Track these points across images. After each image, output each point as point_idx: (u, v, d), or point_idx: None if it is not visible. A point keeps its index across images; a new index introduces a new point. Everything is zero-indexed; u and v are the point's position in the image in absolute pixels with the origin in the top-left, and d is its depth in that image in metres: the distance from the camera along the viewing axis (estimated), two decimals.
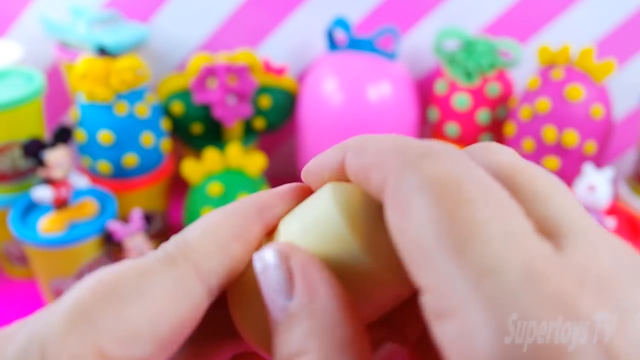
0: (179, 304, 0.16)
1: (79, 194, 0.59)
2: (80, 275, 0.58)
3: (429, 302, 0.13)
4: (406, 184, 0.14)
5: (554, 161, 0.60)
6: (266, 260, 0.16)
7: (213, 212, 0.18)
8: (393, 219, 0.14)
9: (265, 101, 0.70)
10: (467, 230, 0.13)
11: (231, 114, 0.68)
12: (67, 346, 0.14)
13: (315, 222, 0.17)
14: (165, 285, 0.16)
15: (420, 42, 0.73)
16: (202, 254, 0.17)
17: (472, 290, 0.12)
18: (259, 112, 0.70)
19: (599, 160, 0.62)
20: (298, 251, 0.16)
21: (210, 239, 0.17)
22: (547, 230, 0.14)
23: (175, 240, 0.17)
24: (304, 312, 0.15)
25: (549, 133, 0.59)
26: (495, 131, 0.69)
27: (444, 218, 0.13)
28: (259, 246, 0.18)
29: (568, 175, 0.60)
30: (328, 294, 0.15)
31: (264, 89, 0.70)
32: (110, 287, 0.15)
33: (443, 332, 0.13)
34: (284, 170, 0.80)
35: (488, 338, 0.12)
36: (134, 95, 0.63)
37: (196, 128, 0.70)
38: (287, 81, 0.71)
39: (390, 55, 0.68)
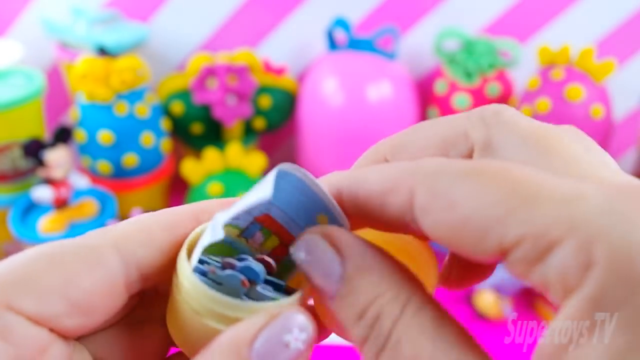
0: (91, 271, 0.17)
1: (79, 194, 0.59)
2: None
3: (527, 251, 0.14)
4: (439, 184, 0.15)
5: None
6: (310, 243, 0.17)
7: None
8: (439, 219, 0.15)
9: (265, 101, 0.70)
10: (526, 184, 0.14)
11: (231, 114, 0.68)
12: None
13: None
14: (80, 254, 0.17)
15: (420, 42, 0.73)
16: (123, 235, 0.18)
17: (573, 215, 0.13)
18: (259, 112, 0.70)
19: None
20: (324, 227, 0.17)
21: (135, 226, 0.18)
22: None
23: (102, 227, 0.19)
24: (360, 271, 0.16)
25: None
26: None
27: (499, 184, 0.14)
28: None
29: None
30: (368, 249, 0.17)
31: (264, 89, 0.70)
32: (30, 257, 0.17)
33: (547, 269, 0.13)
34: None
35: (601, 249, 0.12)
36: (134, 95, 0.63)
37: (196, 128, 0.70)
38: (287, 81, 0.71)
39: (390, 55, 0.68)
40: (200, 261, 0.18)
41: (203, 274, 0.18)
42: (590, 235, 0.13)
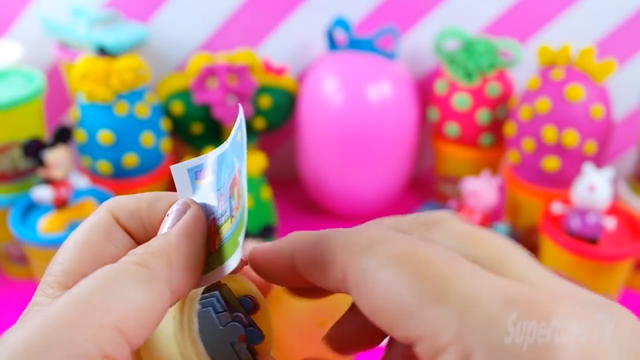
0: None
1: (79, 194, 0.59)
2: None
3: (425, 348, 0.15)
4: (367, 267, 0.17)
5: (554, 161, 0.60)
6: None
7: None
8: (364, 299, 0.17)
9: (265, 101, 0.70)
10: (437, 281, 0.15)
11: (231, 114, 0.68)
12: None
13: None
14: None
15: (420, 42, 0.73)
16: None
17: (460, 324, 0.15)
18: (259, 112, 0.70)
19: (599, 160, 0.62)
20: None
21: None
22: None
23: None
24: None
25: (549, 133, 0.59)
26: (495, 131, 0.69)
27: (413, 279, 0.16)
28: None
29: (568, 175, 0.60)
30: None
31: (264, 89, 0.70)
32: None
33: None
34: (283, 170, 0.80)
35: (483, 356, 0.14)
36: (134, 95, 0.63)
37: (196, 128, 0.70)
38: (287, 81, 0.71)
39: (390, 55, 0.68)
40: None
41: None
42: (470, 347, 0.14)
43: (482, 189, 0.62)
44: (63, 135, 0.57)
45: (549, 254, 0.58)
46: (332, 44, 0.69)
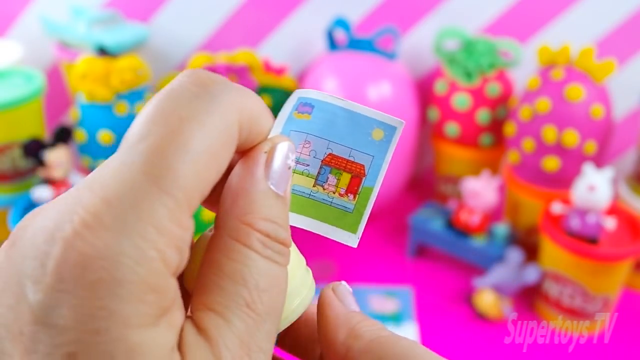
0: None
1: None
2: None
3: None
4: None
5: (554, 161, 0.60)
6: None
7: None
8: None
9: (265, 101, 0.70)
10: None
11: None
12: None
13: None
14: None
15: (420, 42, 0.73)
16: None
17: None
18: None
19: (599, 160, 0.62)
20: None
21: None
22: None
23: None
24: None
25: (549, 133, 0.59)
26: (495, 131, 0.69)
27: None
28: None
29: (568, 175, 0.60)
30: None
31: (264, 89, 0.70)
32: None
33: None
34: None
35: None
36: (134, 95, 0.63)
37: None
38: (287, 81, 0.71)
39: (390, 55, 0.68)
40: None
41: None
42: None
43: (482, 189, 0.62)
44: (63, 135, 0.57)
45: (549, 254, 0.58)
46: (332, 44, 0.69)
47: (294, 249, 0.20)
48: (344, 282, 0.21)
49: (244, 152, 0.18)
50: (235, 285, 0.17)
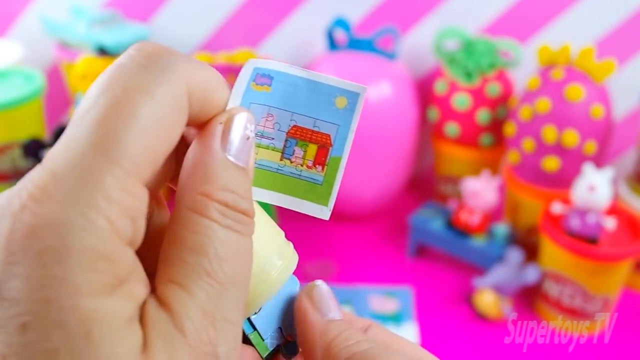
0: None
1: None
2: None
3: None
4: None
5: (554, 161, 0.60)
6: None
7: None
8: None
9: None
10: None
11: None
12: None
13: None
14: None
15: (420, 42, 0.73)
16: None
17: None
18: None
19: (599, 160, 0.62)
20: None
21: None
22: None
23: None
24: None
25: (549, 133, 0.59)
26: (495, 131, 0.69)
27: None
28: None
29: (568, 175, 0.60)
30: None
31: None
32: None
33: None
34: None
35: None
36: None
37: None
38: None
39: (390, 55, 0.68)
40: None
41: None
42: None
43: (482, 189, 0.62)
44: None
45: (549, 254, 0.58)
46: (332, 44, 0.69)
47: (269, 222, 0.20)
48: (319, 283, 0.21)
49: (201, 125, 0.18)
50: (195, 256, 0.16)
